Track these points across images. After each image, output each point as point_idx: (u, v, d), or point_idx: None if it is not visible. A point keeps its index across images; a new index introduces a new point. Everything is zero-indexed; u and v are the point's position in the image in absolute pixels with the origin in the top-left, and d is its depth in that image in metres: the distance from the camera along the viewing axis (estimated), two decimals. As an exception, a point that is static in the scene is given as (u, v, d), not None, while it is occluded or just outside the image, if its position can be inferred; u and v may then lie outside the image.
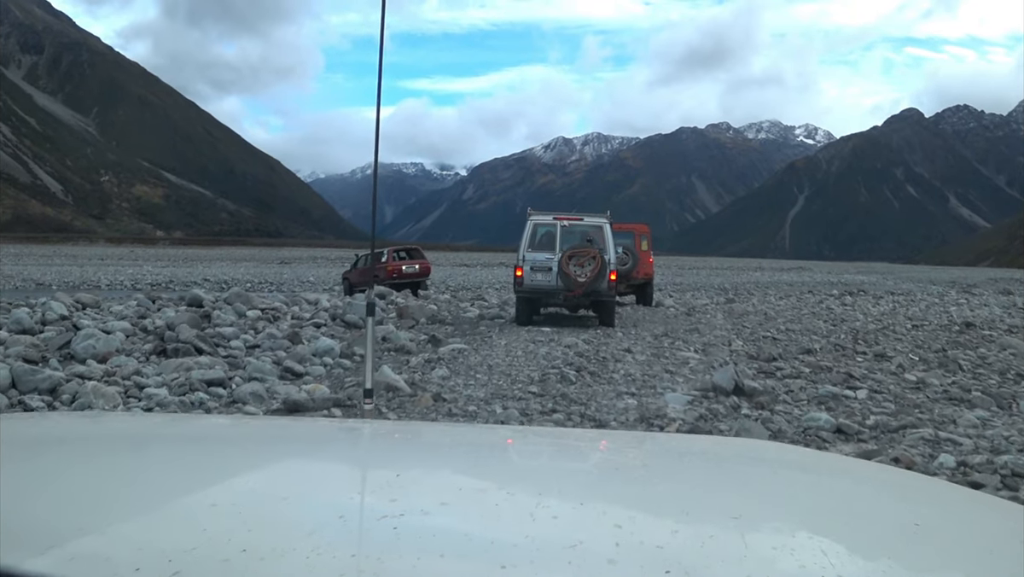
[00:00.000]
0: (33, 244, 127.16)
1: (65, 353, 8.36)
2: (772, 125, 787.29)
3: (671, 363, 9.63)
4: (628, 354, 10.19)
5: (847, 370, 9.47)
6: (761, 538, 0.91)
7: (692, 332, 13.29)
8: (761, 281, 59.23)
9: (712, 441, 2.24)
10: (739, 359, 10.33)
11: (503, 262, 73.33)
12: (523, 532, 0.86)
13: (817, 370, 9.56)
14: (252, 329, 10.84)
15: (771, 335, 13.16)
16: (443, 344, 10.60)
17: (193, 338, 8.76)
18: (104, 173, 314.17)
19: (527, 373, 8.55)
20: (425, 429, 2.13)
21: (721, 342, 11.96)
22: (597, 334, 12.59)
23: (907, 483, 1.38)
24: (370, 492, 1.07)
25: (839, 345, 11.96)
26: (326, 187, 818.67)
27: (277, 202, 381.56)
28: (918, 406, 7.63)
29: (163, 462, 1.22)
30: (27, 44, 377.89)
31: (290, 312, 12.99)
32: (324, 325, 11.99)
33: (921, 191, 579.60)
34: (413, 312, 13.89)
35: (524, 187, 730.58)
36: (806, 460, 1.58)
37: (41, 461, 1.18)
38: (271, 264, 72.30)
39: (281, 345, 9.57)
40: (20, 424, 1.66)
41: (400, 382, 7.45)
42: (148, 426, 1.71)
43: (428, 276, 28.19)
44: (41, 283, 42.73)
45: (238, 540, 0.79)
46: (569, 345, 10.69)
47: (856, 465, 1.71)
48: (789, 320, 16.16)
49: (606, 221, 14.35)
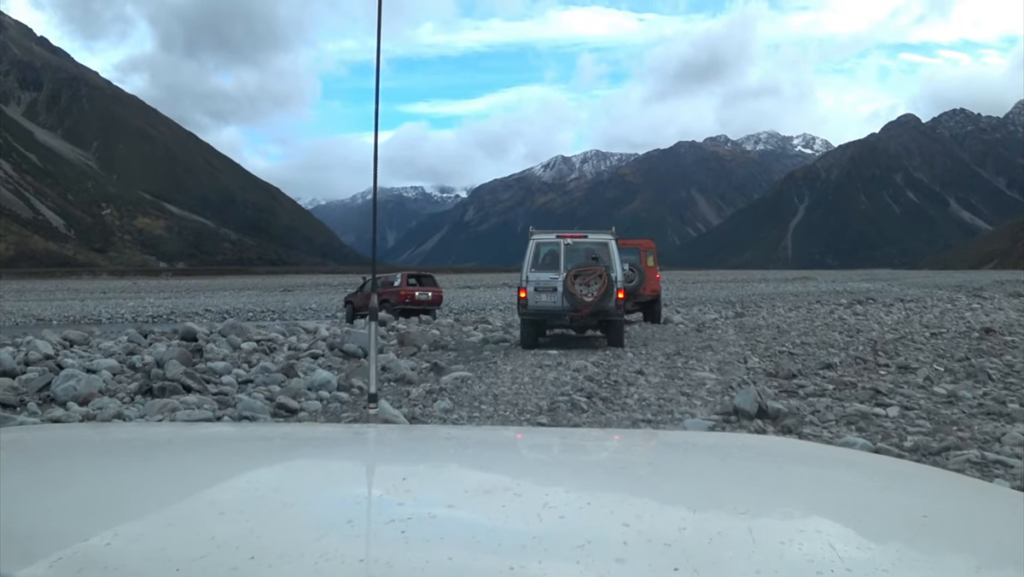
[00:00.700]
0: (36, 279, 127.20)
1: (45, 396, 7.90)
2: (770, 136, 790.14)
3: (687, 384, 9.13)
4: (640, 376, 9.68)
5: (873, 385, 8.96)
6: (769, 532, 0.91)
7: (705, 349, 12.76)
8: (766, 293, 58.76)
9: (717, 436, 2.22)
10: (757, 377, 9.83)
11: (506, 283, 72.99)
12: (531, 533, 0.86)
13: (841, 386, 9.05)
14: (246, 362, 10.37)
15: (787, 349, 12.65)
16: (446, 372, 10.11)
17: (181, 375, 8.27)
18: (106, 206, 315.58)
19: (535, 402, 8.06)
20: (430, 431, 2.12)
21: (736, 359, 11.45)
22: (606, 355, 12.07)
23: (915, 474, 1.35)
24: (377, 496, 1.07)
25: (859, 358, 11.44)
26: (327, 213, 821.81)
27: (279, 230, 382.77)
28: (955, 423, 7.13)
29: (169, 470, 1.22)
30: (26, 81, 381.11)
31: (287, 342, 12.54)
32: (322, 356, 11.50)
33: (921, 196, 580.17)
34: (414, 339, 13.40)
35: (525, 207, 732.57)
36: (812, 453, 1.59)
37: (47, 469, 1.18)
38: (273, 292, 72.01)
39: (275, 379, 9.06)
40: (26, 433, 1.68)
41: (400, 417, 6.97)
42: (154, 434, 1.70)
43: (440, 305, 27.54)
44: (42, 318, 42.49)
45: (246, 547, 0.79)
46: (578, 369, 10.17)
47: (863, 457, 1.66)
48: (803, 333, 15.64)
49: (611, 237, 13.84)
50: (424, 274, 28.72)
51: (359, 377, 9.34)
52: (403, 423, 6.87)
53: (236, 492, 1.07)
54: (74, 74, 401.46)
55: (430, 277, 28.22)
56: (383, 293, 25.12)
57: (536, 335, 13.66)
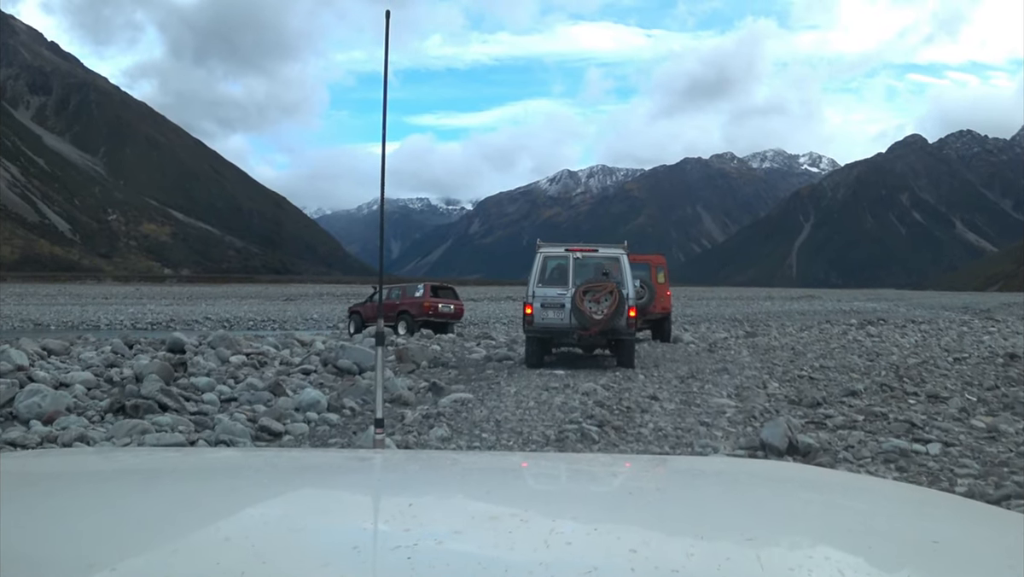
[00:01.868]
0: (40, 283, 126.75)
1: (7, 412, 7.25)
2: (776, 154, 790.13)
3: (705, 413, 8.45)
4: (655, 402, 8.99)
5: (906, 417, 8.29)
6: (777, 559, 0.90)
7: (720, 372, 12.05)
8: (773, 310, 58.01)
9: (726, 462, 2.19)
10: (779, 405, 9.16)
11: (510, 296, 72.29)
12: (537, 559, 0.85)
13: (871, 417, 8.38)
14: (232, 378, 9.71)
15: (806, 373, 11.96)
16: (445, 393, 9.45)
17: (157, 393, 7.62)
18: (112, 212, 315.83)
19: (541, 430, 7.38)
20: (437, 457, 2.11)
21: (755, 384, 10.76)
22: (617, 377, 11.38)
23: (924, 500, 1.35)
24: (383, 522, 1.07)
25: (885, 385, 10.75)
26: (333, 223, 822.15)
27: (284, 239, 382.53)
28: (1005, 464, 6.45)
29: (174, 496, 1.22)
30: (35, 85, 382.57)
31: (279, 356, 11.90)
32: (314, 372, 10.85)
33: (927, 217, 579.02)
34: (413, 355, 12.72)
35: (530, 220, 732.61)
36: (821, 479, 1.59)
37: (51, 497, 1.18)
38: (276, 301, 71.40)
39: (261, 397, 8.40)
40: (30, 461, 1.67)
41: (392, 447, 6.30)
42: (159, 460, 1.69)
43: (460, 319, 26.13)
44: (39, 323, 41.92)
45: (252, 573, 0.79)
46: (587, 392, 9.47)
47: (872, 483, 1.67)
48: (820, 355, 14.94)
49: (623, 252, 13.17)
50: (444, 285, 27.07)
51: (351, 396, 8.70)
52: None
53: (242, 518, 1.07)
54: (83, 79, 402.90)
55: (451, 289, 26.56)
56: (403, 304, 23.96)
57: (542, 353, 12.98)
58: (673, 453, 6.55)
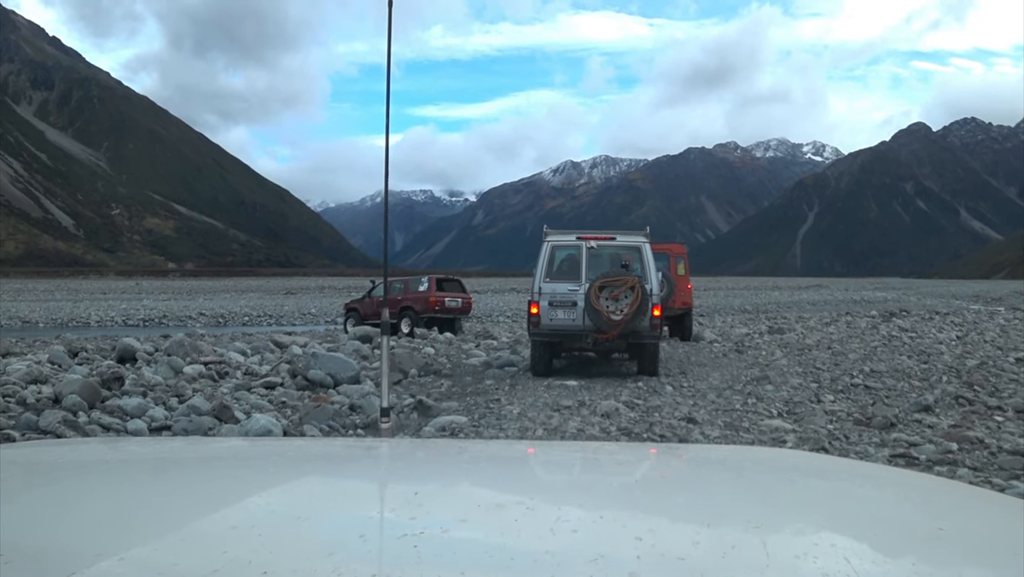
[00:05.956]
0: (41, 279, 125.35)
1: None
2: (780, 143, 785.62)
3: (758, 440, 6.75)
4: (694, 427, 7.23)
5: (1012, 446, 6.58)
6: (783, 546, 0.91)
7: (760, 381, 10.22)
8: (783, 301, 56.18)
9: (731, 450, 2.17)
10: (844, 426, 7.45)
11: (514, 287, 70.50)
12: (543, 547, 0.86)
13: (965, 445, 6.68)
14: (177, 396, 8.01)
15: (860, 382, 10.21)
16: (433, 413, 7.75)
17: (57, 424, 5.93)
18: (115, 206, 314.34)
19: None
20: (443, 446, 2.10)
21: (806, 397, 9.01)
22: (640, 390, 9.62)
23: (930, 487, 1.34)
24: (389, 511, 1.07)
25: (959, 397, 9.02)
26: (336, 216, 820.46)
27: (287, 232, 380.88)
28: None
29: (182, 485, 1.22)
30: (37, 80, 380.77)
31: (244, 365, 10.19)
32: (280, 385, 9.12)
33: (931, 205, 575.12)
34: (401, 362, 10.92)
35: (534, 211, 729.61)
36: (826, 466, 1.59)
37: (60, 486, 1.19)
38: (276, 295, 69.80)
39: (201, 425, 6.65)
40: (37, 450, 1.67)
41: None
42: (166, 449, 1.68)
43: (469, 313, 24.05)
44: (28, 321, 40.61)
45: (259, 562, 0.79)
46: (607, 414, 7.70)
47: (877, 470, 1.66)
48: (863, 357, 13.15)
49: (645, 240, 11.18)
50: (450, 278, 24.90)
51: (316, 422, 7.00)
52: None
53: (248, 507, 1.08)
54: (85, 74, 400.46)
55: (457, 281, 24.40)
56: (407, 299, 21.99)
57: (550, 360, 11.11)
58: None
